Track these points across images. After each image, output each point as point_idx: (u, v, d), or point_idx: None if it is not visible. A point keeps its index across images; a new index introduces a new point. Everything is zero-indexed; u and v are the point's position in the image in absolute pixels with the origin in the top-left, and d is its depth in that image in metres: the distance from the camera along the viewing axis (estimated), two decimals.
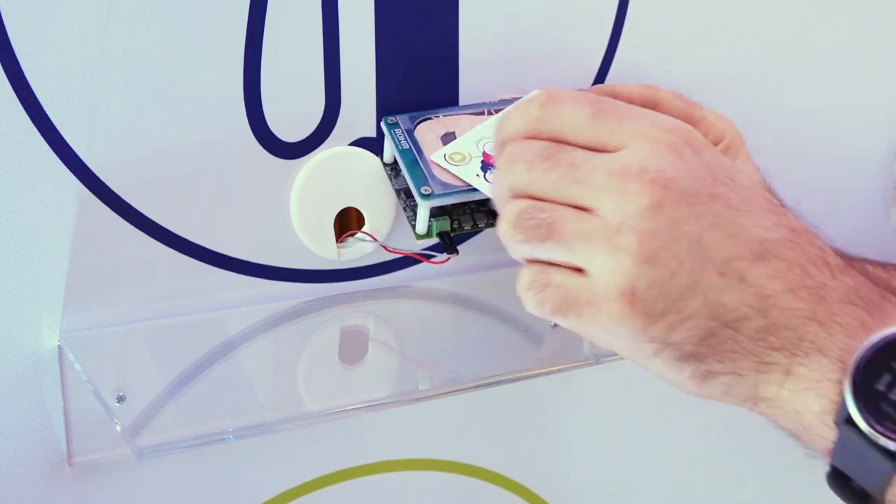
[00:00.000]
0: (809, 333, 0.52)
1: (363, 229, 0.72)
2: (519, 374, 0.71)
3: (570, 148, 0.54)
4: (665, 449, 0.89)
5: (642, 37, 0.77)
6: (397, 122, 0.69)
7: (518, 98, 0.70)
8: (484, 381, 0.70)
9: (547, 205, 0.54)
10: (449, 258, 0.69)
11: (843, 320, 0.52)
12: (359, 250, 0.73)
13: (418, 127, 0.69)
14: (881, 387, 0.50)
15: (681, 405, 0.69)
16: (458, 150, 0.68)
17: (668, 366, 0.53)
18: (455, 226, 0.68)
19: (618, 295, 0.51)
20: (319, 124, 0.70)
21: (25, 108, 0.62)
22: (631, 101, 0.68)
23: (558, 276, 0.53)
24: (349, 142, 0.71)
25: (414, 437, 0.79)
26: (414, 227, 0.68)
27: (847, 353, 0.51)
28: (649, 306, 0.51)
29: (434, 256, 0.71)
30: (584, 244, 0.52)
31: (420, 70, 0.71)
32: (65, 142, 0.63)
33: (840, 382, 0.51)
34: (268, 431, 0.66)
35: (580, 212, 0.53)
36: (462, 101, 0.73)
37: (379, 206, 0.72)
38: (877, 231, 0.92)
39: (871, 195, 0.91)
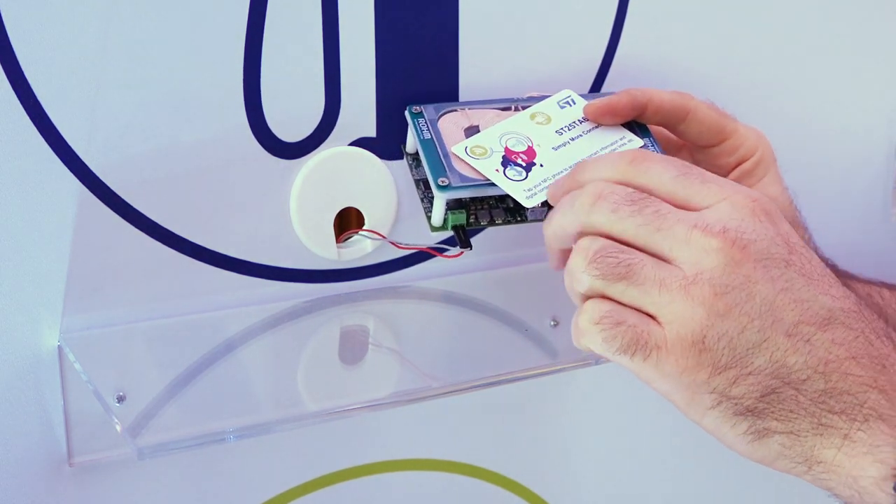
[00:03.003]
0: (870, 400, 0.52)
1: (365, 228, 0.72)
2: (519, 374, 0.71)
3: (657, 199, 0.56)
4: (665, 449, 0.89)
5: (643, 33, 0.77)
6: (422, 112, 0.69)
7: (546, 96, 0.69)
8: (484, 381, 0.70)
9: (626, 247, 0.55)
10: (462, 252, 0.68)
11: None
12: (359, 250, 0.73)
13: (442, 118, 0.68)
14: None
15: None
16: (480, 143, 0.66)
17: (725, 420, 0.54)
18: (472, 220, 0.67)
19: (689, 343, 0.53)
20: (319, 124, 0.70)
21: (25, 108, 0.62)
22: (663, 107, 0.68)
23: (633, 317, 0.54)
24: (349, 142, 0.71)
25: (414, 437, 0.79)
26: (430, 218, 0.67)
27: None
28: (716, 357, 0.53)
29: (446, 250, 0.70)
30: (659, 290, 0.53)
31: (420, 70, 0.71)
32: (65, 142, 0.63)
33: None
34: (268, 431, 0.66)
35: (658, 260, 0.54)
36: (462, 101, 0.73)
37: (379, 206, 0.72)
38: (877, 231, 0.92)
39: (871, 195, 0.91)
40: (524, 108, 0.69)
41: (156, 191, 0.66)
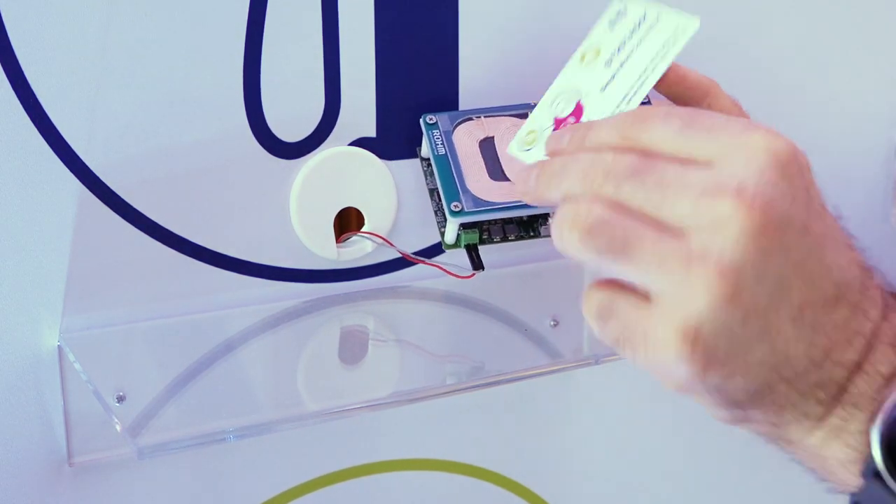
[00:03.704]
0: (851, 385, 0.50)
1: (378, 233, 0.72)
2: (519, 374, 0.71)
3: (662, 163, 0.49)
4: (665, 448, 0.89)
5: None
6: (436, 123, 0.68)
7: None
8: (484, 381, 0.70)
9: (628, 219, 0.49)
10: (474, 274, 0.68)
11: (885, 368, 0.50)
12: (359, 250, 0.73)
13: (457, 129, 0.68)
14: None
15: (681, 405, 0.69)
16: (531, 128, 0.61)
17: (710, 405, 0.51)
18: (485, 237, 0.67)
19: (677, 334, 0.47)
20: (319, 124, 0.70)
21: (25, 108, 0.62)
22: (687, 78, 0.62)
23: (623, 306, 0.50)
24: (349, 142, 0.71)
25: (414, 437, 0.79)
26: (443, 234, 0.68)
27: (880, 405, 0.49)
28: (711, 350, 0.47)
29: (458, 269, 0.70)
30: (658, 270, 0.47)
31: (420, 70, 0.71)
32: (65, 142, 0.63)
33: (868, 434, 0.49)
34: (268, 431, 0.66)
35: (662, 232, 0.48)
36: (462, 101, 0.72)
37: (379, 206, 0.72)
38: (877, 231, 0.92)
39: (871, 195, 0.91)
40: None
41: (156, 191, 0.66)
